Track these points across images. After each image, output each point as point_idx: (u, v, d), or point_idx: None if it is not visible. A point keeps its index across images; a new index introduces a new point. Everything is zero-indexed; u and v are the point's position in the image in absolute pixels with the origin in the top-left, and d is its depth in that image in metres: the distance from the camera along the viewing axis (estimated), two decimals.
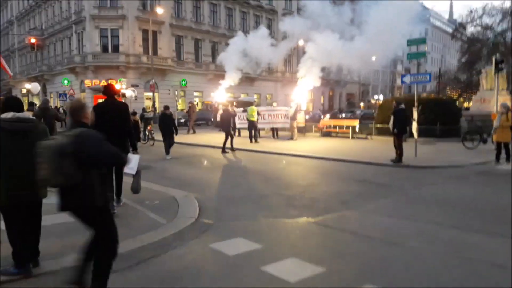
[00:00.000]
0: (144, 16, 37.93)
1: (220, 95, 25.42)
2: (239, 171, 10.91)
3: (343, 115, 37.60)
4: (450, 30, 74.09)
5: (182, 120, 29.86)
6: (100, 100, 7.77)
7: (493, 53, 43.00)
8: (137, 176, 6.01)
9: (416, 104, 12.18)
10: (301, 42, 49.85)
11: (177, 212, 6.34)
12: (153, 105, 36.52)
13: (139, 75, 38.78)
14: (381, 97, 76.58)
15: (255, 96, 48.08)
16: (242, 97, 40.07)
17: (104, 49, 38.66)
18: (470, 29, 51.76)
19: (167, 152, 13.17)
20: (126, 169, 5.99)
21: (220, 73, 43.92)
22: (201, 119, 36.33)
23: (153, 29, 38.09)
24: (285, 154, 13.73)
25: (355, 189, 8.24)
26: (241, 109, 20.39)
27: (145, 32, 38.62)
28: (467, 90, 53.32)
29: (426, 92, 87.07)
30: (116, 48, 38.61)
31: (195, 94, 44.51)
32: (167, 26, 40.79)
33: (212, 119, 26.79)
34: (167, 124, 13.28)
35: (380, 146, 15.56)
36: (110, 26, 38.27)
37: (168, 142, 13.26)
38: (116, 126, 6.06)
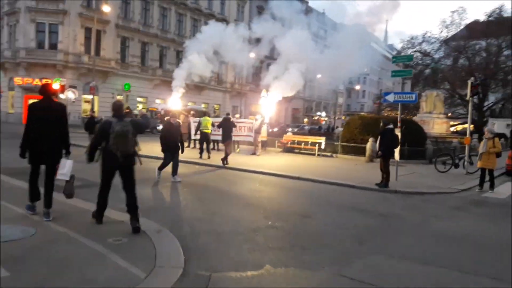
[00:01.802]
0: (88, 13, 35.01)
1: (175, 102, 23.51)
2: (206, 193, 9.26)
3: (290, 129, 37.17)
4: (386, 54, 77.69)
5: None
6: (32, 100, 6.47)
7: (432, 78, 45.22)
8: (70, 181, 6.01)
9: (399, 124, 11.36)
10: (252, 55, 49.28)
11: (155, 257, 4.67)
12: (92, 109, 33.50)
13: (78, 76, 35.57)
14: (324, 114, 78.22)
15: (203, 106, 46.42)
16: (190, 105, 38.17)
17: (40, 45, 35.04)
18: (411, 54, 54.35)
19: (175, 172, 10.31)
20: (58, 175, 5.88)
21: (167, 79, 41.85)
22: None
23: (97, 27, 35.20)
24: (253, 172, 12.31)
25: (361, 222, 7.01)
26: (195, 119, 18.76)
27: (88, 30, 35.64)
28: (404, 111, 55.75)
29: (363, 112, 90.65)
30: (54, 45, 35.14)
31: (139, 99, 41.88)
32: (112, 26, 38.03)
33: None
34: (174, 136, 10.15)
35: (350, 166, 14.70)
36: (49, 20, 34.82)
37: (176, 160, 10.36)
38: (51, 127, 5.80)
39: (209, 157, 14.84)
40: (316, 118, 72.65)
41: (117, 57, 38.73)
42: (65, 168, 5.86)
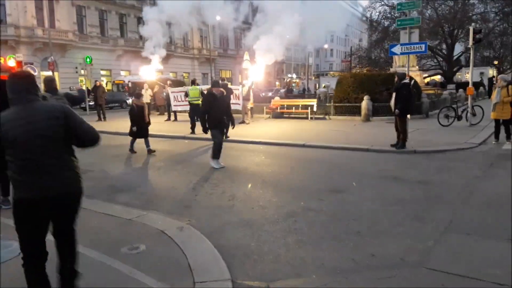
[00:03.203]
0: None
1: (149, 73, 21.66)
2: (211, 172, 8.12)
3: (263, 94, 35.95)
4: (352, 10, 76.49)
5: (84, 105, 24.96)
6: None
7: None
8: None
9: (408, 78, 10.41)
10: (218, 18, 46.96)
11: (189, 268, 3.60)
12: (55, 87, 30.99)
13: (33, 51, 32.67)
14: (294, 76, 77.03)
15: (171, 75, 44.22)
16: (158, 75, 36.12)
17: None
18: (379, 9, 53.32)
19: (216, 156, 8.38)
20: None
21: (130, 49, 39.33)
22: (114, 101, 31.92)
23: None
24: (252, 143, 11.22)
25: (402, 193, 6.12)
26: (178, 88, 17.28)
27: (38, 1, 32.44)
28: (377, 67, 55.26)
29: (333, 71, 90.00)
30: (1, 19, 31.84)
31: (102, 72, 39.34)
32: None
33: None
34: (220, 110, 8.31)
35: (349, 128, 13.84)
36: None
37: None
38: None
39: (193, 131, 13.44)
40: (288, 80, 71.40)
41: (74, 28, 35.77)
42: None
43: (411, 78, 10.46)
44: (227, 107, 8.62)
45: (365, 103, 15.17)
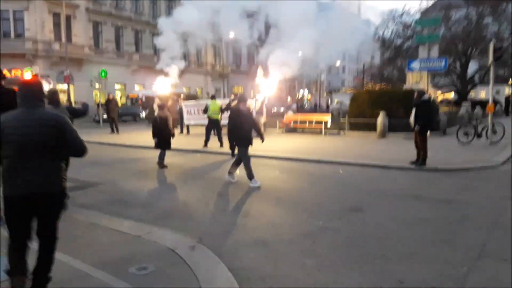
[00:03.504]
0: None
1: (163, 86, 21.71)
2: (224, 187, 7.88)
3: (275, 109, 35.81)
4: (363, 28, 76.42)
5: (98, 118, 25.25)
6: None
7: (416, 49, 44.27)
8: None
9: (428, 95, 10.11)
10: (231, 35, 47.33)
11: None
12: (68, 99, 31.35)
13: (50, 65, 33.13)
14: (306, 92, 76.96)
15: (184, 89, 44.44)
16: (171, 89, 36.29)
17: (5, 34, 32.33)
18: (391, 27, 53.24)
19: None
20: None
21: (144, 65, 39.74)
22: (128, 114, 32.11)
23: (66, 13, 32.80)
24: (266, 157, 10.95)
25: (426, 213, 5.78)
26: (191, 102, 17.19)
27: (56, 16, 33.10)
28: (389, 84, 54.86)
29: (345, 87, 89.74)
30: (20, 33, 32.50)
31: (117, 86, 39.69)
32: (82, 11, 35.49)
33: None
34: (246, 126, 7.88)
35: (365, 144, 13.52)
36: (12, 7, 32.03)
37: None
38: None
39: (221, 145, 13.08)
40: (301, 97, 71.41)
41: (90, 43, 36.34)
42: None
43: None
44: (254, 123, 8.28)
45: (381, 119, 14.85)
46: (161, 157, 9.82)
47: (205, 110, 14.00)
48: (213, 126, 13.51)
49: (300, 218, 5.64)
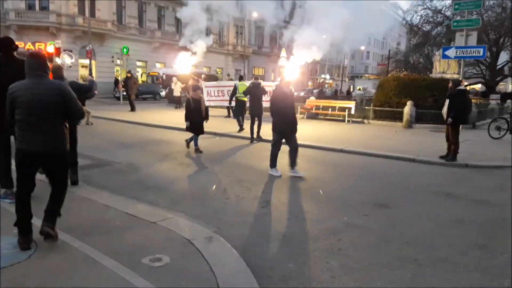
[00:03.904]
0: None
1: (184, 66, 21.32)
2: (244, 173, 7.61)
3: (296, 93, 34.97)
4: (391, 13, 74.00)
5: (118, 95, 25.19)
6: None
7: (447, 36, 42.65)
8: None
9: (464, 83, 9.51)
10: (255, 14, 46.36)
11: None
12: (90, 73, 31.32)
13: (73, 39, 33.16)
14: (328, 76, 75.64)
15: (204, 69, 44.10)
16: (192, 69, 35.95)
17: (30, 6, 32.35)
18: (420, 12, 51.43)
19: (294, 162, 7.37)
20: None
21: (167, 42, 39.43)
22: (148, 92, 32.06)
23: None
24: (284, 144, 10.58)
25: (460, 213, 5.39)
26: (212, 83, 16.85)
27: None
28: (414, 72, 53.34)
29: (368, 74, 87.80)
30: (45, 6, 32.48)
31: (138, 63, 39.60)
32: None
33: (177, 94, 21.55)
34: (289, 108, 7.32)
35: (390, 134, 13.00)
36: None
37: (295, 143, 7.44)
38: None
39: (242, 129, 12.69)
40: (321, 81, 70.23)
41: (113, 18, 36.10)
42: None
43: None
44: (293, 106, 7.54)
45: (408, 109, 14.26)
46: (195, 143, 9.39)
47: (234, 92, 13.37)
48: (240, 108, 13.09)
49: (324, 211, 5.32)
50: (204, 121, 9.53)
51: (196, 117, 9.26)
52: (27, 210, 3.63)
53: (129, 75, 20.15)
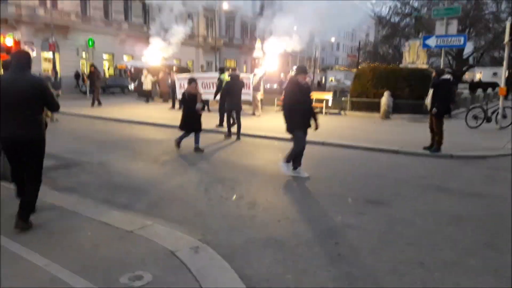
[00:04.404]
0: None
1: (154, 58, 20.49)
2: (227, 171, 7.20)
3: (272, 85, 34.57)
4: (359, 5, 74.69)
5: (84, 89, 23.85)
6: None
7: (416, 28, 43.28)
8: None
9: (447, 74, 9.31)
10: (225, 6, 45.55)
11: None
12: (54, 67, 29.86)
13: (34, 32, 31.45)
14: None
15: (175, 61, 43.07)
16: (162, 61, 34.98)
17: None
18: (389, 4, 51.97)
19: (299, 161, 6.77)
20: None
21: (134, 34, 38.12)
22: (116, 86, 30.89)
23: None
24: (266, 137, 10.25)
25: (457, 209, 5.14)
26: (185, 75, 16.21)
27: None
28: (384, 63, 53.97)
29: (338, 65, 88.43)
30: None
31: (105, 56, 38.19)
32: None
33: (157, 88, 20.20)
34: (307, 103, 6.71)
35: (369, 125, 12.84)
36: None
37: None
38: None
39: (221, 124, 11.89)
40: (293, 73, 69.96)
41: (77, 9, 34.54)
42: None
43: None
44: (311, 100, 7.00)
45: (385, 99, 14.15)
46: (196, 140, 8.54)
47: (220, 86, 12.11)
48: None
49: (316, 211, 4.97)
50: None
51: (193, 113, 8.42)
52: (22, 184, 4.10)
53: (92, 69, 19.09)
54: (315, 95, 16.66)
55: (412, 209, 5.05)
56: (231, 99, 10.15)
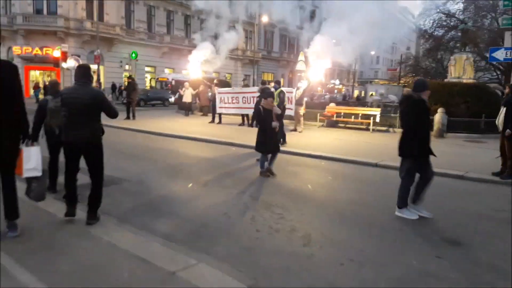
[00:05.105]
0: None
1: (195, 71, 20.37)
2: (269, 191, 6.62)
3: (306, 99, 33.75)
4: (401, 17, 72.87)
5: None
6: (33, 72, 4.77)
7: (463, 40, 41.45)
8: (42, 178, 4.56)
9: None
10: (264, 19, 45.50)
11: None
12: (98, 79, 30.56)
13: (81, 44, 32.53)
14: (337, 82, 74.41)
15: (214, 74, 43.24)
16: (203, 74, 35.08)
17: (38, 10, 31.86)
18: (433, 16, 50.31)
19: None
20: (26, 172, 4.34)
21: (176, 47, 38.64)
22: (156, 98, 31.17)
23: None
24: (312, 156, 9.57)
25: None
26: (226, 89, 15.88)
27: None
28: (427, 77, 52.01)
29: (377, 79, 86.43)
30: (53, 10, 31.90)
31: (147, 69, 38.91)
32: None
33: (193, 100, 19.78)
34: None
35: None
36: None
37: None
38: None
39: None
40: (331, 86, 69.08)
41: (122, 22, 35.44)
42: (32, 159, 4.33)
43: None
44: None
45: (439, 117, 13.15)
46: (269, 162, 7.55)
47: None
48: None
49: (383, 251, 4.26)
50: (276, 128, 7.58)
51: (270, 132, 7.43)
52: (74, 193, 4.72)
53: (129, 80, 18.83)
54: (361, 110, 15.95)
55: (498, 251, 4.25)
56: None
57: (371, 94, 49.15)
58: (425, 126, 5.43)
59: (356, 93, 59.71)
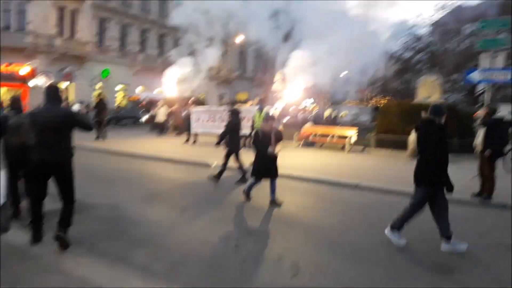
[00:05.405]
0: None
1: (170, 89, 20.02)
2: (252, 217, 6.37)
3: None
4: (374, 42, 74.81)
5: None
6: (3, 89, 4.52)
7: (431, 62, 43.01)
8: (6, 205, 4.59)
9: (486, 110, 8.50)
10: (239, 38, 45.91)
11: None
12: (66, 98, 29.61)
13: (51, 61, 31.56)
14: (310, 102, 75.30)
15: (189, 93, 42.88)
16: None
17: (6, 26, 30.82)
18: (401, 39, 52.08)
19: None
20: None
21: (149, 66, 38.16)
22: (127, 117, 30.48)
23: (71, 7, 31.37)
24: (288, 177, 9.37)
25: None
26: (204, 107, 15.63)
27: (60, 10, 31.66)
28: (397, 98, 53.31)
29: (348, 99, 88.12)
30: (22, 26, 30.99)
31: (119, 87, 38.14)
32: (88, 5, 33.99)
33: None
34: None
35: (399, 165, 11.91)
36: None
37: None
38: None
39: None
40: (303, 106, 69.81)
41: (94, 40, 34.80)
42: None
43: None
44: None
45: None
46: (271, 190, 7.08)
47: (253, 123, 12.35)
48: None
49: (375, 277, 4.07)
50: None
51: (265, 156, 6.96)
52: (40, 219, 4.60)
53: (99, 98, 17.62)
54: (338, 130, 16.00)
55: (491, 277, 4.14)
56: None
57: (342, 116, 49.90)
58: (446, 153, 5.15)
59: (326, 113, 60.45)
